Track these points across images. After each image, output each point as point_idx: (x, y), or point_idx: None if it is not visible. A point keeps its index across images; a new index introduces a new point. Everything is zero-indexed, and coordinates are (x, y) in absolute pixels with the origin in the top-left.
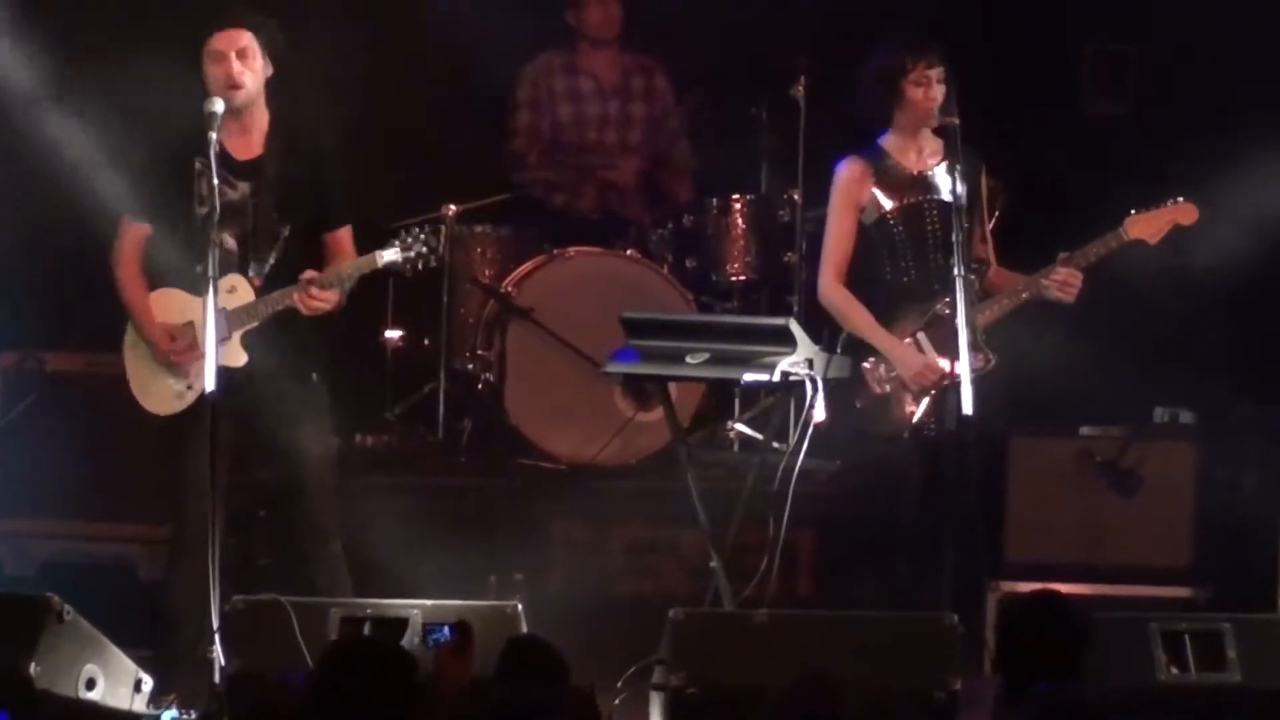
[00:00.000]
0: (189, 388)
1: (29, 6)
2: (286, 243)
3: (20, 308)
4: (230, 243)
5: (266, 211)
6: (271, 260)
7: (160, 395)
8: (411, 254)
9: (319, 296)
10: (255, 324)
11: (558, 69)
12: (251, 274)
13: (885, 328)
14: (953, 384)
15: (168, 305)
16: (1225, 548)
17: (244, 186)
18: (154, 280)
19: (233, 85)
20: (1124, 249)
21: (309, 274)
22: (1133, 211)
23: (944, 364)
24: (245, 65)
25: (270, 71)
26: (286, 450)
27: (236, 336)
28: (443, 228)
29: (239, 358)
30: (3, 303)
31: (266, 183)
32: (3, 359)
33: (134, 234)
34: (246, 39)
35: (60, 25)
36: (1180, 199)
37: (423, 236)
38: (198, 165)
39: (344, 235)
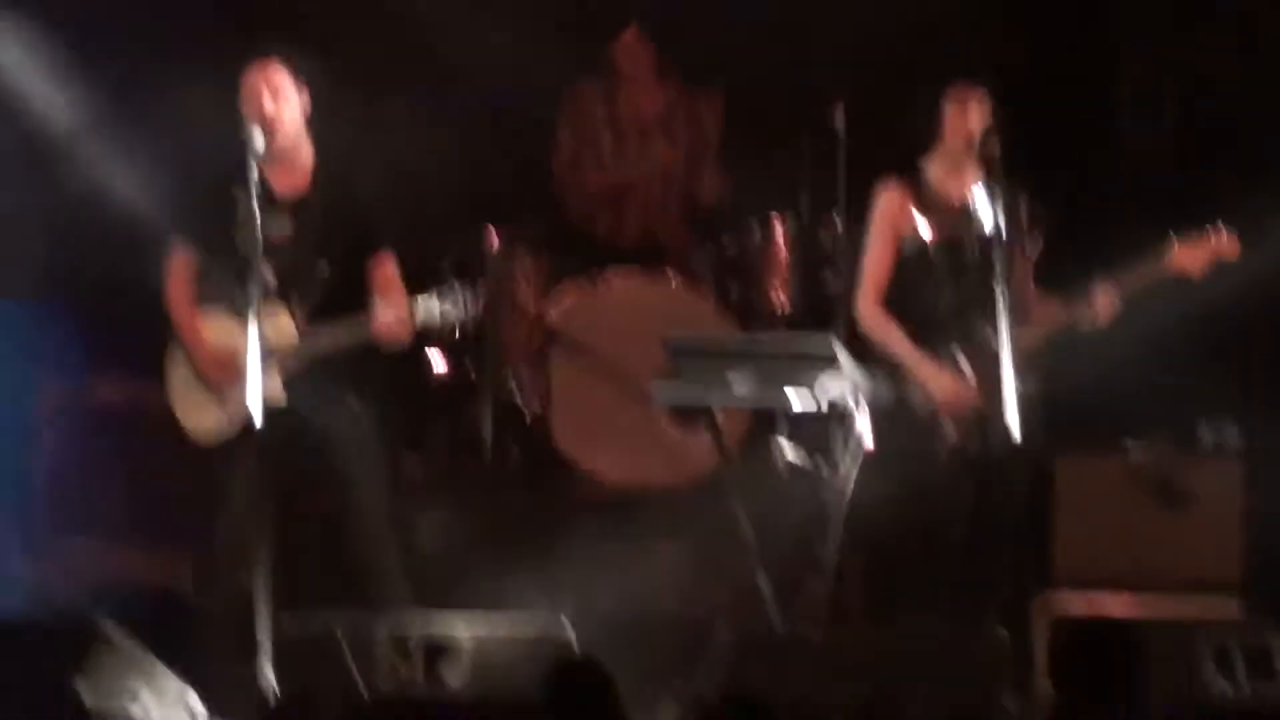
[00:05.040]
0: (230, 418)
1: (65, 30)
2: (328, 281)
3: (68, 338)
4: (270, 278)
5: (308, 250)
6: (316, 298)
7: (201, 420)
8: (448, 306)
9: (405, 328)
10: (299, 363)
11: (597, 97)
12: (296, 312)
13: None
14: (997, 406)
15: (213, 331)
16: (1275, 562)
17: (286, 223)
18: (202, 304)
19: (270, 127)
20: (1164, 279)
21: (396, 306)
22: (1175, 243)
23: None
24: (279, 103)
25: (308, 104)
26: (333, 476)
27: (277, 374)
28: (480, 282)
29: (279, 397)
30: (50, 333)
31: (309, 221)
32: (51, 388)
33: (183, 259)
34: (280, 76)
35: (98, 50)
36: (1223, 231)
37: (462, 292)
38: (238, 197)
39: (389, 265)
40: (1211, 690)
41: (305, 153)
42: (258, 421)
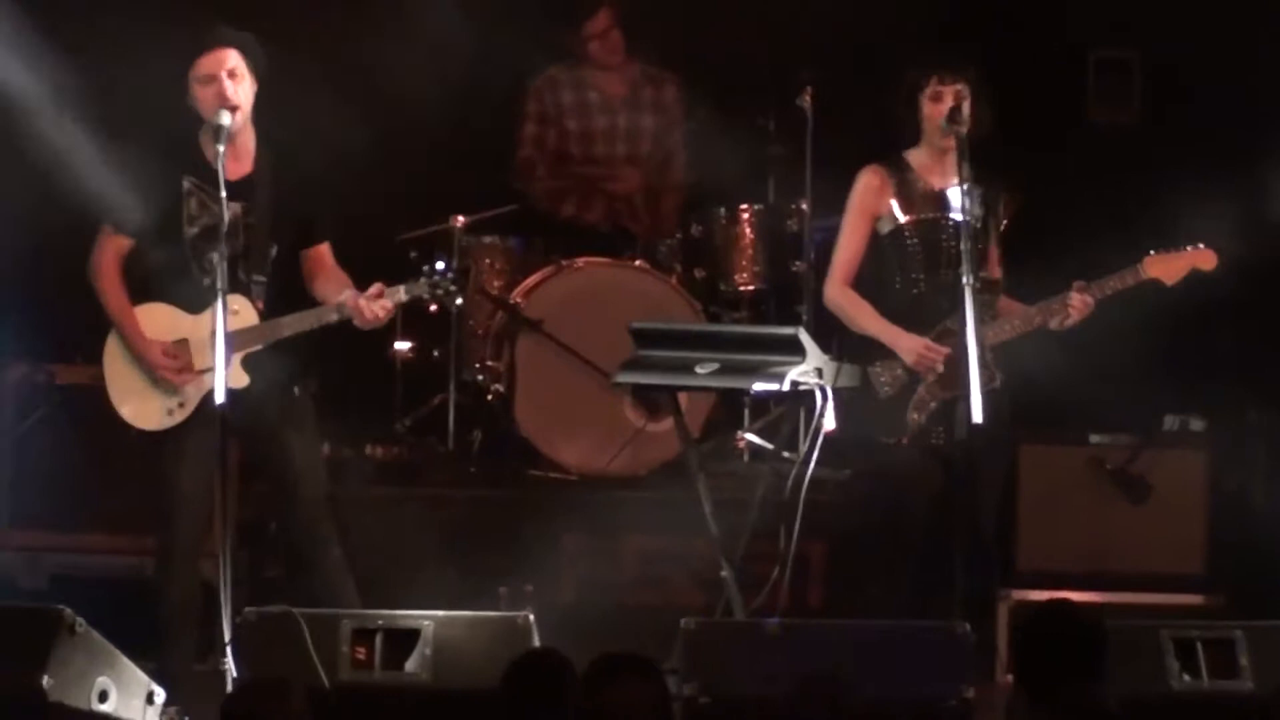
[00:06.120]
0: (180, 405)
1: (33, 14)
2: (275, 263)
3: (30, 320)
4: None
5: (258, 232)
6: (264, 280)
7: (145, 410)
8: (439, 292)
9: (386, 308)
10: (260, 347)
11: (565, 82)
12: (254, 296)
13: None
14: (963, 395)
15: (153, 321)
16: (1237, 554)
17: (235, 206)
18: (136, 295)
19: (228, 106)
20: (1140, 286)
21: (377, 287)
22: (1151, 251)
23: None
24: (237, 84)
25: (256, 89)
26: (276, 463)
27: (237, 358)
28: (469, 269)
29: (240, 379)
30: (12, 316)
31: (257, 203)
32: (12, 372)
33: (115, 246)
34: (234, 58)
35: (62, 34)
36: (1201, 245)
37: (451, 276)
38: (186, 185)
39: (325, 251)
40: (1173, 683)
41: (250, 136)
42: (220, 398)
